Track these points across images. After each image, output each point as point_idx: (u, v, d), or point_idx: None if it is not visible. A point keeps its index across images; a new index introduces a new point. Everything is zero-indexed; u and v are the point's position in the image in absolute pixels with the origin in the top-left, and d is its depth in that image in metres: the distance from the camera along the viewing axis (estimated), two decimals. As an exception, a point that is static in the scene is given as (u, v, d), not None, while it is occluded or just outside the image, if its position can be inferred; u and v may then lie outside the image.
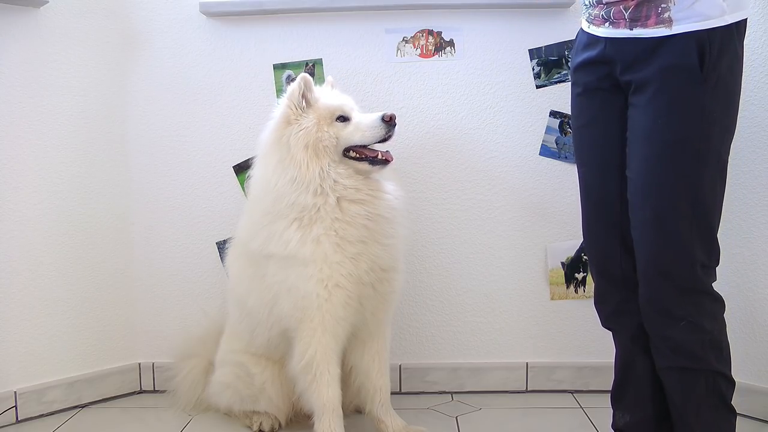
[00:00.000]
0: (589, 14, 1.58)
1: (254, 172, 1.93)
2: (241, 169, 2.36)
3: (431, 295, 2.37)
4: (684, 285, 1.50)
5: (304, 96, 1.86)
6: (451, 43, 2.31)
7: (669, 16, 1.44)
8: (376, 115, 1.85)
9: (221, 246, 2.38)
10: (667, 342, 1.53)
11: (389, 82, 2.32)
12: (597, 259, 1.69)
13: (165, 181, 2.39)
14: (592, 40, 1.59)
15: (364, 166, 1.85)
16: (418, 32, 2.31)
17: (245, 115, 2.35)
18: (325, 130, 1.83)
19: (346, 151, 1.85)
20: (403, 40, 2.31)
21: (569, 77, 1.74)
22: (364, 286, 1.85)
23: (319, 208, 1.80)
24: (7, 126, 2.12)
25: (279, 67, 2.33)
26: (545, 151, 2.32)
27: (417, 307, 2.36)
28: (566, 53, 2.27)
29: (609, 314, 1.71)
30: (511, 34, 2.29)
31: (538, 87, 2.30)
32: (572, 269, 2.35)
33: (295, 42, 2.32)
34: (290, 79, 2.33)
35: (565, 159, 2.32)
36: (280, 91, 2.33)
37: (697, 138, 1.45)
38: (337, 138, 1.84)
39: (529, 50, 2.29)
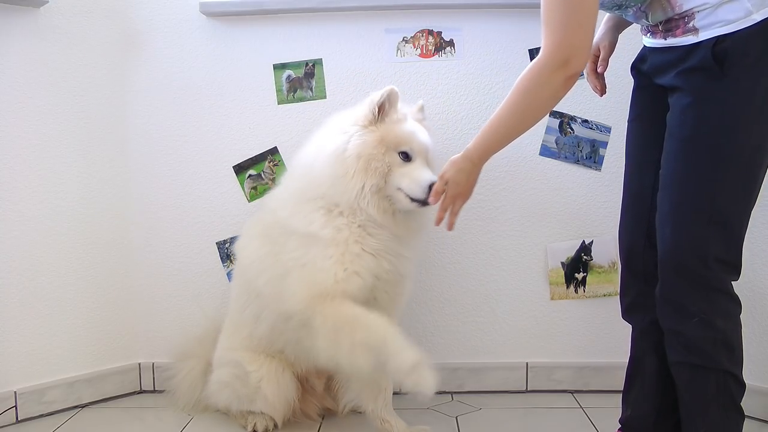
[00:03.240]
0: (641, 25, 1.65)
1: (310, 149, 1.90)
2: (241, 169, 2.36)
3: (431, 295, 2.37)
4: (698, 281, 1.50)
5: (381, 108, 1.82)
6: (451, 43, 2.31)
7: (694, 25, 1.47)
8: (428, 179, 1.80)
9: (221, 246, 2.38)
10: (679, 337, 1.53)
11: (389, 82, 2.30)
12: (624, 251, 1.74)
13: (165, 181, 2.39)
14: (644, 47, 1.66)
15: (405, 199, 1.81)
16: (418, 32, 2.31)
17: (245, 115, 2.35)
18: (382, 154, 1.80)
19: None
20: (403, 40, 2.31)
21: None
22: (379, 282, 1.84)
23: (342, 212, 1.81)
24: (7, 126, 2.12)
25: (279, 67, 2.33)
26: (545, 151, 2.32)
27: (417, 307, 2.36)
28: (566, 53, 2.27)
29: (627, 307, 1.75)
30: (511, 34, 2.29)
31: (538, 87, 2.30)
32: (572, 269, 2.35)
33: (295, 42, 2.32)
34: (290, 79, 2.33)
35: (565, 159, 2.32)
36: (279, 92, 2.33)
37: (715, 134, 1.45)
38: (389, 169, 1.80)
39: (529, 50, 2.29)
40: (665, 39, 1.54)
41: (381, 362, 1.69)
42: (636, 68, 1.69)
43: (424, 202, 1.81)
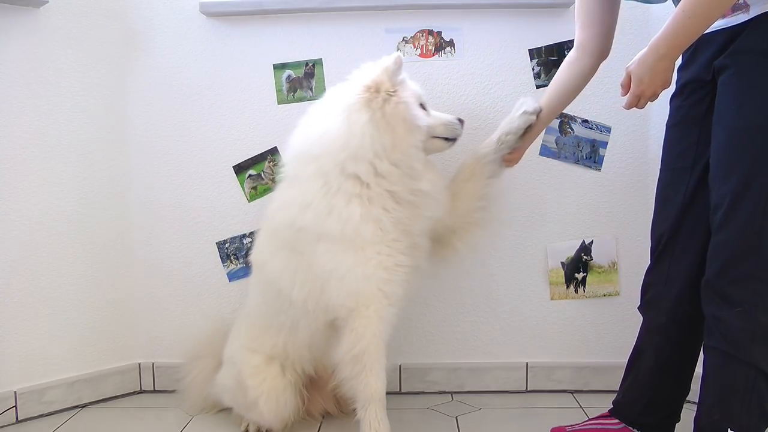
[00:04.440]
0: None
1: (321, 127, 1.84)
2: (241, 169, 2.36)
3: (431, 295, 2.37)
4: (747, 271, 1.49)
5: (396, 73, 1.86)
6: (451, 43, 2.31)
7: (744, 2, 1.44)
8: (453, 116, 1.97)
9: (221, 246, 2.38)
10: (718, 324, 1.53)
11: (389, 82, 2.32)
12: (654, 251, 1.77)
13: (165, 181, 2.39)
14: (685, 53, 1.64)
15: (441, 143, 1.95)
16: (418, 32, 2.31)
17: (245, 115, 2.35)
18: (419, 109, 1.87)
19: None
20: (403, 40, 2.31)
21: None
22: (418, 252, 1.89)
23: (375, 180, 1.81)
24: (7, 126, 2.12)
25: (279, 67, 2.33)
26: (545, 151, 2.32)
27: (417, 307, 2.35)
28: (566, 53, 2.27)
29: (645, 302, 1.79)
30: (511, 34, 2.29)
31: (538, 87, 2.30)
32: (572, 269, 2.35)
33: (295, 42, 2.32)
34: (290, 79, 2.33)
35: (565, 159, 2.32)
36: (279, 92, 2.33)
37: None
38: (427, 124, 1.88)
39: (529, 50, 2.29)
40: None
41: (357, 410, 1.88)
42: (681, 68, 1.68)
43: (456, 137, 1.98)
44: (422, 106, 1.91)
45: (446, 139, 1.96)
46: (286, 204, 1.89)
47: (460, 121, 1.97)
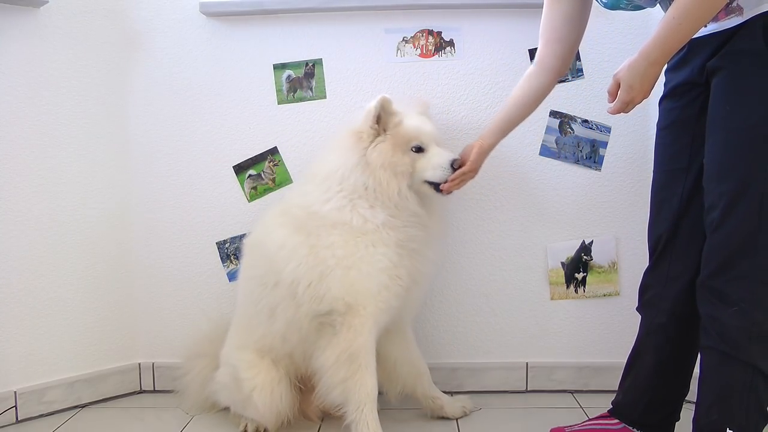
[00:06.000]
0: None
1: (329, 158, 1.95)
2: (241, 169, 2.36)
3: (431, 295, 2.36)
4: (744, 271, 1.49)
5: (379, 118, 1.90)
6: (451, 43, 2.31)
7: (737, 4, 1.45)
8: (447, 158, 1.93)
9: (221, 246, 2.38)
10: (714, 324, 1.53)
11: (389, 82, 2.32)
12: (652, 252, 1.77)
13: (165, 181, 2.39)
14: (677, 54, 1.63)
15: (429, 190, 1.95)
16: (418, 32, 2.31)
17: (245, 115, 2.35)
18: (400, 156, 1.90)
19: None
20: (403, 40, 2.31)
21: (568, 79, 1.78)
22: (414, 282, 1.93)
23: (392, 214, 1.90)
24: (7, 126, 2.12)
25: (279, 67, 2.33)
26: (545, 151, 2.32)
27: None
28: (566, 53, 2.27)
29: (643, 302, 1.80)
30: (511, 34, 2.29)
31: (538, 87, 2.30)
32: (572, 269, 2.35)
33: (295, 42, 2.32)
34: (290, 79, 2.33)
35: (565, 159, 2.32)
36: (279, 92, 2.34)
37: (765, 123, 1.44)
38: (413, 168, 1.91)
39: (529, 50, 2.29)
40: (705, 26, 1.51)
41: (347, 414, 1.88)
42: (670, 70, 1.68)
43: (445, 185, 1.93)
44: (419, 147, 1.92)
45: (434, 186, 1.93)
46: (304, 192, 1.97)
47: (455, 166, 1.93)
